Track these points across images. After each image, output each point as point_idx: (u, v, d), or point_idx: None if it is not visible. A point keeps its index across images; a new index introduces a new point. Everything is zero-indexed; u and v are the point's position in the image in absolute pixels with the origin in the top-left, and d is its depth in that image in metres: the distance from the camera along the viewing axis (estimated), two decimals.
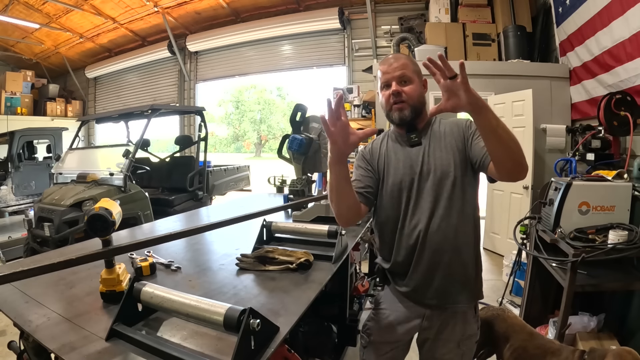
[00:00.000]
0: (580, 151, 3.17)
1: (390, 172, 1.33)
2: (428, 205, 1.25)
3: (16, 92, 8.61)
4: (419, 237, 1.26)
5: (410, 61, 1.30)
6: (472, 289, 1.30)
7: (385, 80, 1.28)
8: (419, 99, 1.28)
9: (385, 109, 1.31)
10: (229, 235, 1.98)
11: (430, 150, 1.28)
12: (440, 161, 1.26)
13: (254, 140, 26.32)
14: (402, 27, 5.85)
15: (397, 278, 1.37)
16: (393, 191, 1.31)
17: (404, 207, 1.29)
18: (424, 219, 1.25)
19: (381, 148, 1.38)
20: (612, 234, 1.96)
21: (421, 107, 1.30)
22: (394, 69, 1.26)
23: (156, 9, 7.04)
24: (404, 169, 1.30)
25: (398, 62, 1.28)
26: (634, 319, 2.17)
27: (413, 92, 1.26)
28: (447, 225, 1.24)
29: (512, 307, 2.98)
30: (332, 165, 1.15)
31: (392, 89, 1.26)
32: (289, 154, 2.92)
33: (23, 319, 1.05)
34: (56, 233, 3.45)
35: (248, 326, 0.83)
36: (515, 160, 1.08)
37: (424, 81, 1.32)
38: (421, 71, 1.29)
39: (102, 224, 1.09)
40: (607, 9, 3.13)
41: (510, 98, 4.21)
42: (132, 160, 3.94)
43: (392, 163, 1.33)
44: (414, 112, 1.27)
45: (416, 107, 1.27)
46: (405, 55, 1.35)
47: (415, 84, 1.27)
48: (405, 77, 1.26)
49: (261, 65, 7.66)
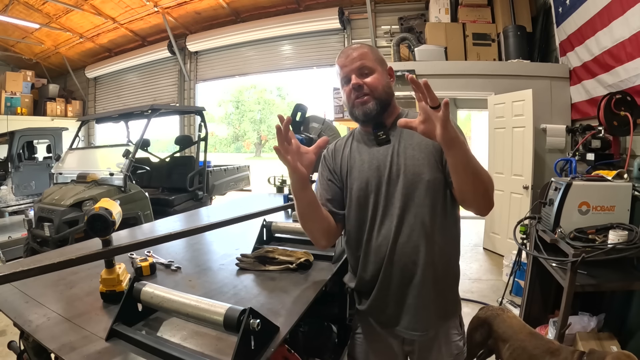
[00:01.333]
0: (580, 151, 3.17)
1: (354, 176, 1.15)
2: (397, 211, 1.08)
3: (16, 92, 8.61)
4: (387, 250, 1.10)
5: (370, 49, 1.15)
6: (451, 307, 1.17)
7: (344, 75, 1.13)
8: (384, 90, 1.12)
9: (347, 106, 1.16)
10: (229, 235, 1.98)
11: (401, 148, 1.11)
12: (412, 161, 1.08)
13: (254, 140, 26.33)
14: (402, 27, 5.85)
15: (363, 299, 1.20)
16: (359, 197, 1.14)
17: (371, 215, 1.12)
18: (392, 228, 1.08)
19: (344, 150, 1.21)
20: (612, 234, 1.95)
21: (388, 98, 1.13)
22: (352, 61, 1.11)
23: (156, 9, 7.05)
24: (370, 170, 1.13)
25: (356, 52, 1.12)
26: (634, 319, 2.17)
27: (376, 82, 1.10)
28: (418, 235, 1.07)
29: (512, 307, 2.98)
30: (296, 192, 1.05)
31: (352, 83, 1.10)
32: None
33: (23, 319, 1.05)
34: (56, 233, 3.45)
35: (248, 326, 0.83)
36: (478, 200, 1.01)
37: (389, 69, 1.16)
38: (384, 59, 1.17)
39: (102, 224, 1.09)
40: (607, 9, 3.13)
41: (510, 98, 4.21)
42: (132, 160, 3.94)
43: (356, 165, 1.16)
44: (379, 105, 1.11)
45: (381, 99, 1.11)
46: (364, 44, 1.18)
47: (378, 73, 1.12)
48: (365, 67, 1.10)
49: (261, 65, 7.66)
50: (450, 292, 1.17)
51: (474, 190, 0.99)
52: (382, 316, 1.17)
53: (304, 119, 2.94)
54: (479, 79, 4.51)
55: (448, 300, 1.16)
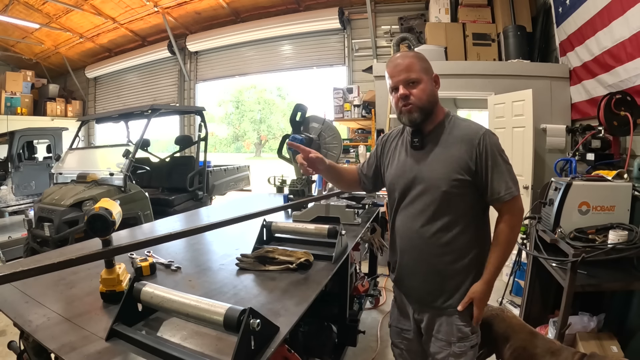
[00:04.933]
0: (580, 151, 3.16)
1: (389, 172, 1.39)
2: (412, 212, 1.29)
3: (16, 92, 8.61)
4: (402, 240, 1.34)
5: (417, 59, 1.26)
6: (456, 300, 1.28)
7: (392, 84, 1.26)
8: (428, 100, 1.24)
9: (396, 111, 1.31)
10: (229, 235, 1.98)
11: (429, 158, 1.26)
12: (434, 174, 1.24)
13: (254, 140, 26.30)
14: (402, 27, 5.85)
15: (391, 266, 1.45)
16: (389, 189, 1.40)
17: (395, 207, 1.36)
18: (408, 225, 1.30)
19: (392, 144, 1.41)
20: (612, 234, 1.96)
21: (432, 107, 1.26)
22: (400, 72, 1.23)
23: (156, 9, 7.04)
24: (397, 172, 1.34)
25: (404, 62, 1.24)
26: (634, 319, 2.16)
27: (421, 93, 1.23)
28: (429, 238, 1.26)
29: (512, 307, 2.98)
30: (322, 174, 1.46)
31: (399, 93, 1.24)
32: (289, 154, 2.93)
33: (23, 319, 1.05)
34: (56, 233, 3.45)
35: (248, 326, 0.83)
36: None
37: (434, 77, 1.28)
38: (429, 67, 1.27)
39: (102, 224, 1.09)
40: (607, 9, 3.13)
41: (510, 98, 4.20)
42: (132, 160, 3.94)
43: (392, 164, 1.37)
44: (423, 114, 1.24)
45: (425, 108, 1.24)
46: (413, 53, 1.33)
47: (424, 83, 1.24)
48: (412, 78, 1.22)
49: (261, 65, 7.65)
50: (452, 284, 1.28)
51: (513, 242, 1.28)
52: (402, 287, 1.41)
53: (304, 119, 2.94)
54: (479, 79, 4.50)
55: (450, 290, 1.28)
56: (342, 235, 1.64)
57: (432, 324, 1.33)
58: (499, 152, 1.22)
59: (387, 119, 4.67)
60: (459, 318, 1.28)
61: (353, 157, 5.33)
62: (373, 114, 5.12)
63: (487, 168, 1.21)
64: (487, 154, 1.21)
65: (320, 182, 5.22)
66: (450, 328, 1.29)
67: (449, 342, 1.29)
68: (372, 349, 2.59)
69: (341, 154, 3.03)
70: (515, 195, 1.22)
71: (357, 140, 5.88)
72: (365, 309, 2.81)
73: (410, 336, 1.43)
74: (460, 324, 1.28)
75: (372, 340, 2.69)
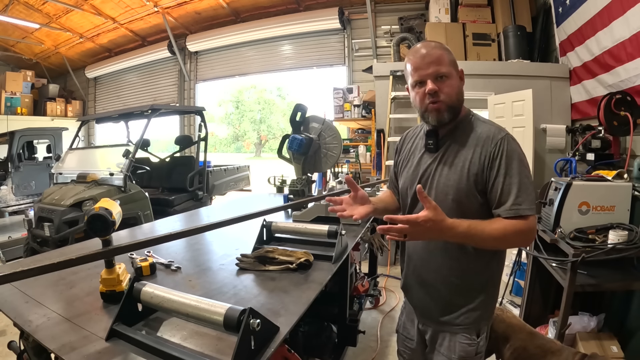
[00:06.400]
0: (580, 151, 3.16)
1: (402, 175, 1.30)
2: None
3: (16, 92, 8.61)
4: (410, 248, 1.28)
5: (446, 52, 1.11)
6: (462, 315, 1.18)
7: (419, 77, 1.10)
8: (457, 98, 1.11)
9: (419, 109, 1.15)
10: (229, 235, 1.98)
11: (441, 163, 1.15)
12: (444, 180, 1.13)
13: (254, 140, 26.29)
14: (402, 27, 5.85)
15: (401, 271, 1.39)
16: (401, 193, 1.31)
17: (408, 210, 1.26)
18: None
19: (408, 144, 1.31)
20: (612, 234, 1.95)
21: (460, 105, 1.14)
22: (428, 64, 1.08)
23: (156, 9, 7.04)
24: (408, 175, 1.25)
25: (433, 54, 1.09)
26: (634, 319, 2.16)
27: (452, 90, 1.09)
28: (437, 250, 1.17)
29: (512, 307, 2.98)
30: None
31: (428, 88, 1.08)
32: (289, 154, 2.93)
33: (23, 319, 1.05)
34: (56, 233, 3.45)
35: (248, 326, 0.83)
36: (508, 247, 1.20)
37: (460, 72, 1.14)
38: (456, 61, 1.14)
39: (102, 224, 1.09)
40: (607, 8, 3.13)
41: (510, 98, 4.20)
42: (132, 160, 3.94)
43: (407, 165, 1.28)
44: (452, 113, 1.11)
45: (454, 106, 1.11)
46: (439, 43, 1.14)
47: (453, 78, 1.10)
48: (442, 72, 1.08)
49: (261, 65, 7.65)
50: (459, 301, 1.19)
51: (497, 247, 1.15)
52: (408, 295, 1.35)
53: (304, 119, 2.94)
54: (479, 79, 4.50)
55: (457, 307, 1.19)
56: (342, 235, 1.64)
57: (435, 337, 1.26)
58: (518, 160, 1.06)
59: (387, 119, 4.67)
60: (464, 336, 1.20)
61: (353, 157, 5.33)
62: (373, 114, 5.12)
63: (498, 175, 1.05)
64: (501, 159, 1.06)
65: (320, 182, 5.22)
66: (453, 345, 1.21)
67: (450, 358, 1.21)
68: (372, 349, 2.59)
69: (341, 154, 3.03)
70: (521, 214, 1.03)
71: (357, 140, 5.89)
72: (365, 309, 2.81)
73: (413, 346, 1.36)
74: (464, 343, 1.20)
75: (372, 340, 2.69)
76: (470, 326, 1.19)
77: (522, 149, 1.11)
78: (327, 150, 2.89)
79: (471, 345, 1.20)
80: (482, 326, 1.22)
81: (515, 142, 1.10)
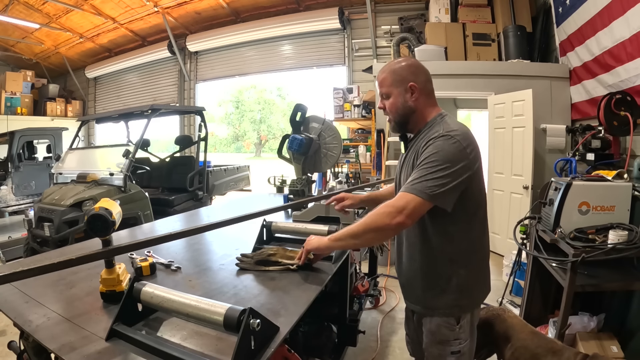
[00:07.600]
0: (580, 151, 3.17)
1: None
2: None
3: (16, 92, 8.61)
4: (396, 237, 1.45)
5: (389, 73, 1.29)
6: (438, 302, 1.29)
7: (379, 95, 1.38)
8: (397, 112, 1.31)
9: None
10: (229, 235, 1.98)
11: (404, 163, 1.35)
12: (404, 177, 1.31)
13: (254, 140, 26.29)
14: (402, 27, 5.85)
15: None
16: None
17: None
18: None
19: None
20: (612, 234, 1.96)
21: (405, 117, 1.31)
22: (377, 86, 1.36)
23: (156, 9, 7.04)
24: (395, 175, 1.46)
25: (379, 76, 1.32)
26: (634, 319, 2.17)
27: (391, 106, 1.32)
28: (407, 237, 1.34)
29: (512, 307, 2.97)
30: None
31: (377, 106, 1.39)
32: (289, 154, 2.93)
33: (23, 319, 1.05)
34: (56, 233, 3.45)
35: (248, 326, 0.83)
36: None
37: (410, 86, 1.26)
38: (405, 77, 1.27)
39: (102, 224, 1.08)
40: (607, 9, 3.13)
41: (510, 98, 4.20)
42: (132, 160, 3.94)
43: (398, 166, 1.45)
44: (398, 124, 1.34)
45: (397, 120, 1.33)
46: (390, 66, 1.31)
47: (394, 96, 1.30)
48: (384, 93, 1.32)
49: (261, 65, 7.65)
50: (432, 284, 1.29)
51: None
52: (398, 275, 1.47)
53: (304, 119, 2.94)
54: (479, 79, 4.51)
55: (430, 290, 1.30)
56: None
57: (420, 320, 1.38)
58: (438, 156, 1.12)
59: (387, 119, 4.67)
60: (443, 319, 1.28)
61: (353, 157, 5.33)
62: (373, 114, 5.12)
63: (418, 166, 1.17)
64: (424, 153, 1.17)
65: (320, 182, 5.22)
66: (435, 327, 1.30)
67: (430, 340, 1.32)
68: (372, 349, 2.59)
69: (341, 154, 3.03)
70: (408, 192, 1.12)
71: (357, 140, 5.89)
72: (365, 309, 2.81)
73: (410, 325, 1.52)
74: (443, 325, 1.28)
75: (372, 340, 2.69)
76: (447, 311, 1.28)
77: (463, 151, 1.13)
78: (327, 150, 2.89)
79: (450, 330, 1.28)
80: (462, 313, 1.28)
81: (448, 141, 1.14)
